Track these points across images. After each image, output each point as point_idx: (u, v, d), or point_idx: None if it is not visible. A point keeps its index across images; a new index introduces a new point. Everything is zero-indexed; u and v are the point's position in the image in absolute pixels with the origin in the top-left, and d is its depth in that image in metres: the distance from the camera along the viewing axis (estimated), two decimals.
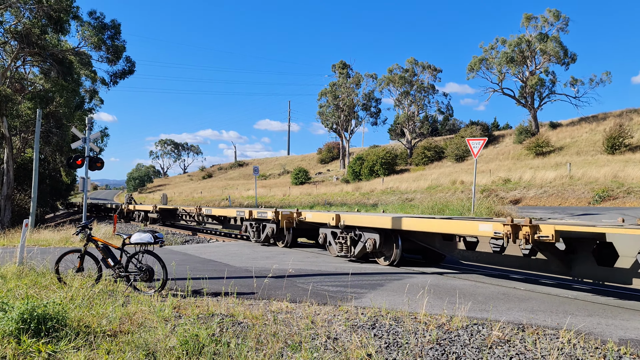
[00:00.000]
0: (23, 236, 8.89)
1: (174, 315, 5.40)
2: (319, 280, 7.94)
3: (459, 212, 16.84)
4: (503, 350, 4.31)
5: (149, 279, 6.74)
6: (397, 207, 25.13)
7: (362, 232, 9.58)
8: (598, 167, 27.46)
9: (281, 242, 13.12)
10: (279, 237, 13.06)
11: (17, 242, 12.87)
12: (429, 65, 56.84)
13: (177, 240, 16.83)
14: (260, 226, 13.63)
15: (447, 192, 29.59)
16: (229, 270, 9.03)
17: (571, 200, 24.01)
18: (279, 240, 13.22)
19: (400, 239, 9.09)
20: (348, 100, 59.55)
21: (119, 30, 27.77)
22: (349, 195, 39.00)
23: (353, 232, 9.76)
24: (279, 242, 13.23)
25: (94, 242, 7.02)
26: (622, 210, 18.45)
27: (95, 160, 17.05)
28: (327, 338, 4.60)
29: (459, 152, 47.36)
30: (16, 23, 23.16)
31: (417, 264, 9.87)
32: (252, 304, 6.13)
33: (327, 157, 73.55)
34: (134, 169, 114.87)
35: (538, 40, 46.09)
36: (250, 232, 14.10)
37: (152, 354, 4.14)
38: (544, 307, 5.91)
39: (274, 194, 49.16)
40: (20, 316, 4.40)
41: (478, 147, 15.59)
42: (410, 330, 4.87)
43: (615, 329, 4.98)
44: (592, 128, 44.95)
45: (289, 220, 12.00)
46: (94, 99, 36.35)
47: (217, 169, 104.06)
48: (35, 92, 25.95)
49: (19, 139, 27.12)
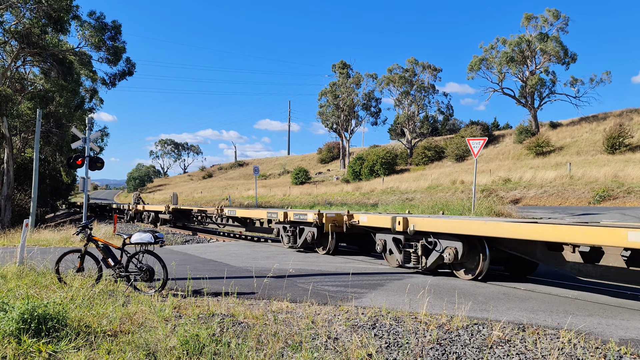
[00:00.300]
0: (23, 236, 8.89)
1: (175, 315, 5.40)
2: (320, 280, 7.95)
3: (459, 212, 16.84)
4: (503, 350, 4.31)
5: (149, 279, 6.74)
6: (398, 207, 25.12)
7: (437, 240, 8.06)
8: (598, 167, 27.46)
9: (322, 248, 11.64)
10: (319, 242, 11.60)
11: (17, 242, 12.88)
12: (429, 65, 56.84)
13: (177, 240, 16.82)
14: (296, 230, 12.10)
15: (447, 192, 29.59)
16: (229, 270, 9.03)
17: (571, 200, 24.01)
18: (319, 246, 11.77)
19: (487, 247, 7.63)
20: (348, 100, 59.55)
21: (119, 30, 27.77)
22: (349, 195, 39.01)
23: (425, 239, 8.26)
24: (319, 248, 11.77)
25: (94, 242, 7.02)
26: (623, 210, 18.46)
27: (96, 160, 17.05)
28: (327, 338, 4.60)
29: (459, 152, 47.37)
30: (16, 23, 23.16)
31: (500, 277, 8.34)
32: (253, 303, 6.13)
33: (327, 157, 73.56)
34: (134, 169, 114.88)
35: (538, 40, 46.09)
36: (284, 236, 12.63)
37: (152, 354, 4.14)
38: (544, 307, 5.91)
39: (274, 193, 49.18)
40: (21, 316, 4.40)
41: (478, 147, 15.59)
42: (410, 330, 4.87)
43: (616, 328, 4.98)
44: (592, 128, 44.94)
45: (335, 223, 10.60)
46: (94, 99, 36.31)
47: (217, 169, 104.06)
48: (35, 92, 25.95)
49: (19, 139, 27.13)
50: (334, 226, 10.57)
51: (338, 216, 10.64)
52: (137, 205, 26.37)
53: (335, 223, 10.57)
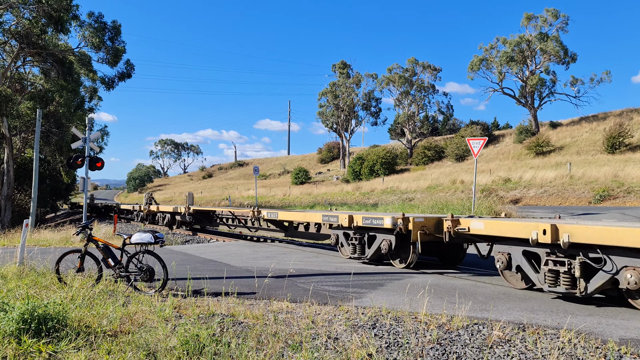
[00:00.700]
0: (23, 236, 8.89)
1: (175, 315, 5.41)
2: (320, 280, 7.95)
3: (460, 212, 16.85)
4: (504, 350, 4.31)
5: (149, 279, 6.74)
6: (397, 207, 25.13)
7: (606, 256, 5.91)
8: (598, 167, 27.47)
9: (399, 260, 9.30)
10: (396, 253, 9.29)
11: (17, 242, 12.88)
12: (429, 65, 56.85)
13: (177, 240, 16.82)
14: (364, 238, 9.76)
15: (447, 192, 29.59)
16: (229, 270, 9.03)
17: (571, 200, 24.01)
18: (395, 258, 9.41)
19: None
20: (348, 100, 59.56)
21: (119, 31, 27.74)
22: (349, 195, 39.03)
23: (584, 254, 6.11)
24: (396, 261, 9.39)
25: (94, 242, 7.03)
26: (623, 210, 18.46)
27: (96, 160, 17.05)
28: (327, 338, 4.60)
29: (459, 151, 47.37)
30: (16, 23, 23.16)
31: None
32: (253, 303, 6.13)
33: (327, 157, 73.57)
34: (134, 169, 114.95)
35: (538, 39, 46.09)
36: (346, 245, 10.27)
37: (152, 354, 4.14)
38: (544, 307, 5.91)
39: (274, 193, 49.20)
40: (21, 316, 4.40)
41: (478, 147, 15.59)
42: (410, 330, 4.87)
43: (616, 328, 4.98)
44: (592, 127, 44.94)
45: (425, 230, 8.44)
46: (94, 99, 36.34)
47: (217, 169, 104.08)
48: (35, 92, 25.96)
49: (19, 139, 27.13)
50: (424, 234, 8.49)
51: (428, 221, 8.61)
52: (149, 206, 24.07)
53: (424, 230, 8.53)
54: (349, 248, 10.16)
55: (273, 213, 13.26)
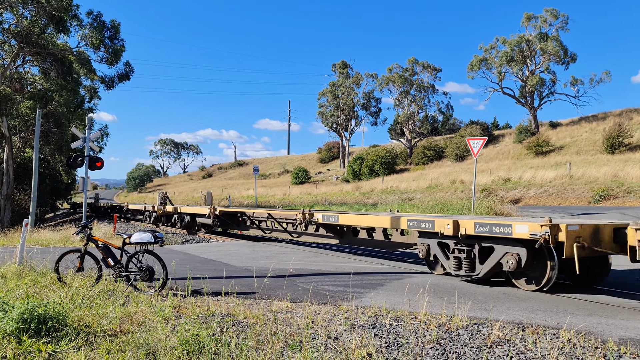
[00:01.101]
0: (23, 236, 8.89)
1: (174, 315, 5.40)
2: (320, 279, 7.95)
3: (459, 212, 16.85)
4: (503, 349, 4.31)
5: (149, 278, 6.74)
6: (397, 207, 25.12)
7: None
8: (598, 167, 27.48)
9: (526, 279, 7.09)
10: (522, 272, 7.02)
11: (17, 241, 12.87)
12: (429, 65, 56.85)
13: (177, 240, 16.81)
14: (474, 249, 7.44)
15: (447, 192, 29.60)
16: (229, 269, 9.03)
17: (571, 200, 24.02)
18: (521, 277, 7.16)
19: None
20: (348, 100, 59.56)
21: (118, 30, 27.70)
22: (349, 194, 39.04)
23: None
24: (521, 280, 7.16)
25: (94, 241, 7.02)
26: (622, 210, 18.47)
27: (95, 159, 17.05)
28: (327, 337, 4.60)
29: (458, 151, 47.38)
30: (16, 22, 23.15)
31: None
32: (253, 303, 6.13)
33: (327, 157, 73.57)
34: (134, 169, 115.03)
35: (538, 39, 46.10)
36: (443, 258, 7.96)
37: (152, 354, 4.14)
38: (544, 307, 5.91)
39: (274, 193, 49.21)
40: (21, 316, 4.40)
41: (478, 147, 15.59)
42: (410, 329, 4.87)
43: (615, 328, 4.98)
44: (592, 127, 44.95)
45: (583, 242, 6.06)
46: (94, 98, 36.31)
47: (217, 169, 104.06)
48: (34, 92, 25.94)
49: (18, 138, 27.11)
50: (581, 248, 6.02)
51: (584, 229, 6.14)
52: (164, 206, 21.03)
53: (582, 242, 6.06)
54: (449, 262, 7.83)
55: (331, 216, 10.65)
